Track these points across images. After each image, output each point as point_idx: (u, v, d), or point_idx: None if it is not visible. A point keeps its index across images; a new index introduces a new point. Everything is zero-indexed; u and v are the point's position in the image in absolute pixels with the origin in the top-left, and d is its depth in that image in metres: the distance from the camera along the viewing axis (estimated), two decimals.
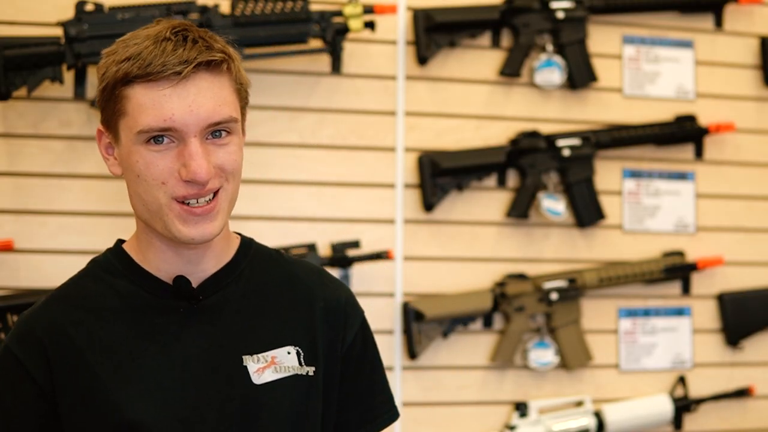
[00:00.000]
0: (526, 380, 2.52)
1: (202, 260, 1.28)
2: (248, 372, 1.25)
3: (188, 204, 1.20)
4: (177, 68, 1.16)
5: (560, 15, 2.52)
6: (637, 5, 2.60)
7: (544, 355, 2.49)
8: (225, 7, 2.29)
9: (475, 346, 2.49)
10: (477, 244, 2.51)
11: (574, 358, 2.51)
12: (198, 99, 1.18)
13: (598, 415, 2.50)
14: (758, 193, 2.70)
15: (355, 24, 2.32)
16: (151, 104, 1.17)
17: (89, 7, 2.19)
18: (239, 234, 1.37)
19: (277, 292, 1.33)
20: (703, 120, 2.64)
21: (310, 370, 1.28)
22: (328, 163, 2.43)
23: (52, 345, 1.23)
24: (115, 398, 1.21)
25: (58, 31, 2.20)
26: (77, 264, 2.22)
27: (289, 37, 2.30)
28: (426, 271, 2.47)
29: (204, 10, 2.24)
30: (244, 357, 1.26)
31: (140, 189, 1.21)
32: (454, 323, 2.44)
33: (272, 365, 1.27)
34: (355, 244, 2.36)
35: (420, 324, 2.41)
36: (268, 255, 1.37)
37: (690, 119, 2.62)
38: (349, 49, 2.40)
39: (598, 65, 2.58)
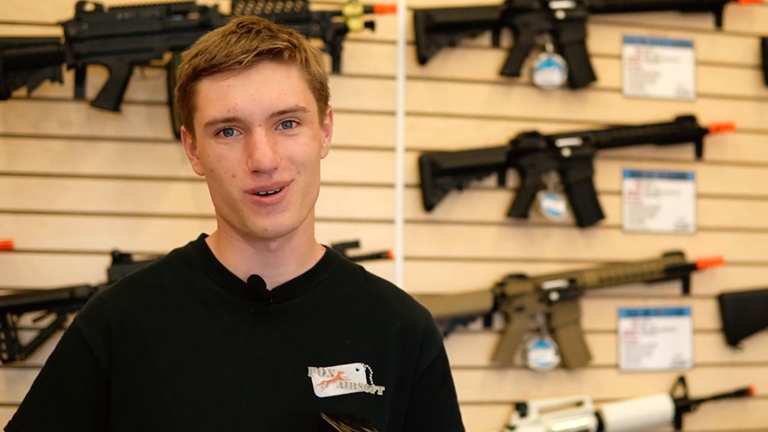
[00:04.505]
0: (526, 380, 2.52)
1: (282, 264, 1.26)
2: (312, 383, 1.22)
3: (259, 195, 1.19)
4: (239, 58, 1.16)
5: (560, 15, 2.52)
6: (637, 5, 2.60)
7: (544, 355, 2.49)
8: (225, 7, 2.29)
9: (475, 346, 2.49)
10: (477, 244, 2.50)
11: (574, 358, 2.51)
12: (261, 88, 1.17)
13: (598, 415, 2.49)
14: (758, 193, 2.70)
15: (355, 24, 2.32)
16: (216, 96, 1.18)
17: (89, 7, 2.19)
18: (326, 246, 1.36)
19: (353, 307, 1.30)
20: (703, 120, 2.64)
21: (380, 390, 1.25)
22: (328, 163, 2.40)
23: (117, 327, 1.23)
24: (169, 388, 1.20)
25: (58, 31, 2.20)
26: (77, 264, 2.27)
27: None
28: (426, 271, 2.47)
29: (204, 10, 2.24)
30: (309, 368, 1.23)
31: (216, 184, 1.21)
32: (454, 323, 2.44)
33: (338, 380, 1.24)
34: (355, 244, 2.36)
35: None
36: (351, 270, 1.35)
37: (690, 119, 2.62)
38: (349, 49, 2.40)
39: (598, 65, 2.58)
